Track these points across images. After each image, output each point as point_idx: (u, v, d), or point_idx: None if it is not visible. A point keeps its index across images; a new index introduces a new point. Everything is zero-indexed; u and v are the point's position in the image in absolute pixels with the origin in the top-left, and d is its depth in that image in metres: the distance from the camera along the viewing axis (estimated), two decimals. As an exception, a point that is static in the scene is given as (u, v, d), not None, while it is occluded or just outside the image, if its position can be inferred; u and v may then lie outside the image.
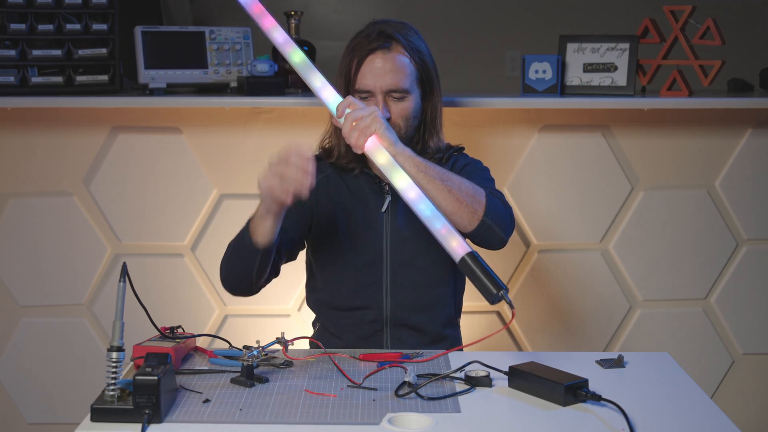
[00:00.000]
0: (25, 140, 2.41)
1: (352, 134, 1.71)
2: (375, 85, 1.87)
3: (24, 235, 2.44)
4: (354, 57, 1.89)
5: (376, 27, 1.92)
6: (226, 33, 2.43)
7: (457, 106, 2.33)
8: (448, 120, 2.09)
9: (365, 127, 1.71)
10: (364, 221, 1.93)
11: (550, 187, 2.50)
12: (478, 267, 1.60)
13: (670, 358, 1.75)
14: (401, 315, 1.92)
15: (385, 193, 1.94)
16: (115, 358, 1.41)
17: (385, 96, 1.88)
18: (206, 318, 2.49)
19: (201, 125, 2.42)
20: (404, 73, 1.88)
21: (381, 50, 1.88)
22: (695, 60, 2.49)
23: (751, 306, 2.61)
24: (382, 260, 1.92)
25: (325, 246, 1.95)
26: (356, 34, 1.94)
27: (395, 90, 1.87)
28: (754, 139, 2.52)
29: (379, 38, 1.89)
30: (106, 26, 2.36)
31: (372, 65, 1.87)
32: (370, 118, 1.72)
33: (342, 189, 1.95)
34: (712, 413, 1.47)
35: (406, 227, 1.92)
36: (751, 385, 2.64)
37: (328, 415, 1.43)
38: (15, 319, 2.48)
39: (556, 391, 1.48)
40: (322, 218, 1.94)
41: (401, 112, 1.89)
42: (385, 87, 1.87)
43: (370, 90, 1.88)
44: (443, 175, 1.76)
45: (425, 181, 1.74)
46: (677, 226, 2.55)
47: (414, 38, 1.93)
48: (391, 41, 1.89)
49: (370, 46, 1.88)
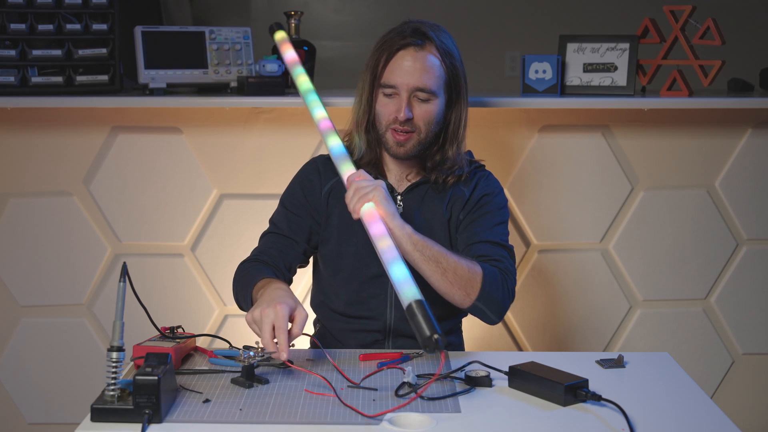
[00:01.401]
0: (25, 140, 2.41)
1: (353, 199, 1.69)
2: (401, 81, 1.83)
3: (24, 235, 2.44)
4: (383, 51, 1.85)
5: (410, 24, 1.87)
6: (226, 33, 2.43)
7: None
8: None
9: (365, 194, 1.68)
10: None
11: (550, 187, 2.50)
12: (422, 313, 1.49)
13: (670, 358, 1.75)
14: (404, 327, 1.88)
15: (398, 204, 1.91)
16: (115, 358, 1.41)
17: (410, 95, 1.84)
18: (206, 318, 2.49)
19: (201, 125, 2.42)
20: (433, 75, 1.84)
21: (413, 47, 1.83)
22: (695, 60, 2.49)
23: (751, 306, 2.61)
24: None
25: (332, 253, 1.91)
26: (390, 32, 1.89)
27: (421, 90, 1.83)
28: (754, 139, 2.52)
29: (413, 35, 1.84)
30: (106, 26, 2.36)
31: (401, 61, 1.83)
32: (371, 187, 1.69)
33: None
34: (712, 413, 1.47)
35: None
36: (751, 385, 2.64)
37: (328, 415, 1.43)
38: (15, 319, 2.48)
39: (556, 391, 1.48)
40: (332, 223, 1.91)
41: (424, 115, 1.85)
42: (412, 85, 1.83)
43: (395, 86, 1.84)
44: (440, 256, 1.72)
45: (420, 260, 1.72)
46: (677, 226, 2.55)
47: (448, 41, 1.88)
48: (425, 40, 1.85)
49: (403, 42, 1.84)
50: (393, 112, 1.85)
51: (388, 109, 1.86)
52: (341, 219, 1.89)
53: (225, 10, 4.51)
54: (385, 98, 1.86)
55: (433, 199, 1.92)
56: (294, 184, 1.97)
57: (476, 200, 1.91)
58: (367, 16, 4.51)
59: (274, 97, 2.34)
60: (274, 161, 2.42)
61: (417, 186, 1.92)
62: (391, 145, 1.87)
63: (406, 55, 1.83)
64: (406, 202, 1.91)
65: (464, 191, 1.93)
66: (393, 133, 1.86)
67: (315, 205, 1.92)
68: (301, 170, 1.99)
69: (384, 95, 1.86)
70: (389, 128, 1.86)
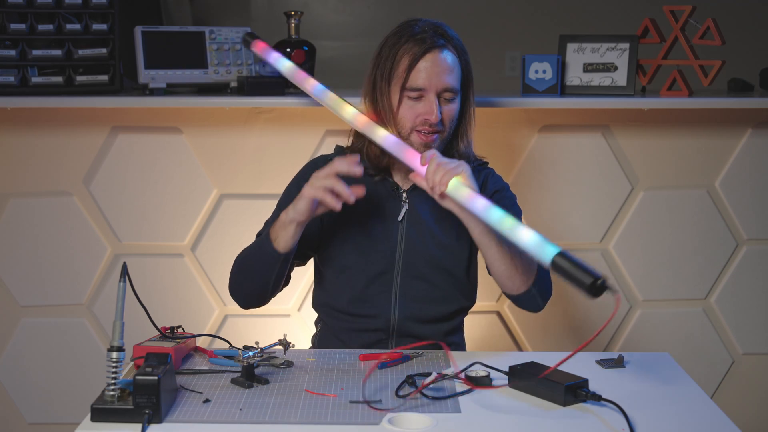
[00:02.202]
0: (25, 140, 2.41)
1: (436, 174, 1.68)
2: (431, 84, 1.82)
3: (24, 235, 2.44)
4: (404, 55, 1.83)
5: (420, 26, 1.86)
6: (226, 33, 2.43)
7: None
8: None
9: (451, 169, 1.68)
10: (378, 229, 1.89)
11: (550, 187, 2.50)
12: (570, 265, 1.45)
13: (670, 358, 1.75)
14: (408, 326, 1.89)
15: (403, 201, 1.90)
16: (115, 358, 1.41)
17: (438, 96, 1.83)
18: (206, 318, 2.49)
19: (201, 125, 2.42)
20: (456, 74, 1.85)
21: (437, 48, 1.83)
22: (695, 60, 2.49)
23: (751, 306, 2.61)
24: (393, 271, 1.88)
25: (335, 251, 1.91)
26: (396, 35, 1.86)
27: (449, 90, 1.84)
28: (754, 139, 2.52)
29: (433, 37, 1.84)
30: (106, 26, 2.36)
31: (428, 64, 1.82)
32: (456, 162, 1.69)
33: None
34: (712, 413, 1.47)
35: (420, 239, 1.89)
36: (751, 385, 2.64)
37: (328, 415, 1.43)
38: (15, 319, 2.48)
39: (556, 391, 1.48)
40: (335, 222, 1.90)
41: (450, 114, 1.86)
42: (441, 87, 1.82)
43: (423, 88, 1.82)
44: (511, 239, 1.69)
45: (498, 240, 1.72)
46: (677, 226, 2.55)
47: (458, 38, 1.89)
48: (445, 40, 1.85)
49: (426, 45, 1.82)
50: (420, 114, 1.83)
51: (415, 111, 1.84)
52: (341, 217, 1.88)
53: (225, 10, 4.51)
54: (410, 101, 1.84)
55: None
56: (292, 187, 1.95)
57: (489, 196, 1.90)
58: (367, 16, 4.51)
59: (274, 97, 2.34)
60: (274, 161, 2.42)
61: None
62: (417, 147, 1.84)
63: (432, 57, 1.82)
64: (411, 199, 1.91)
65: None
66: (419, 135, 1.84)
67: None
68: (300, 171, 1.98)
69: (409, 98, 1.84)
70: (414, 130, 1.85)
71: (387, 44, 1.87)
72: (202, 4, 4.39)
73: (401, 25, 1.89)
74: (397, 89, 1.84)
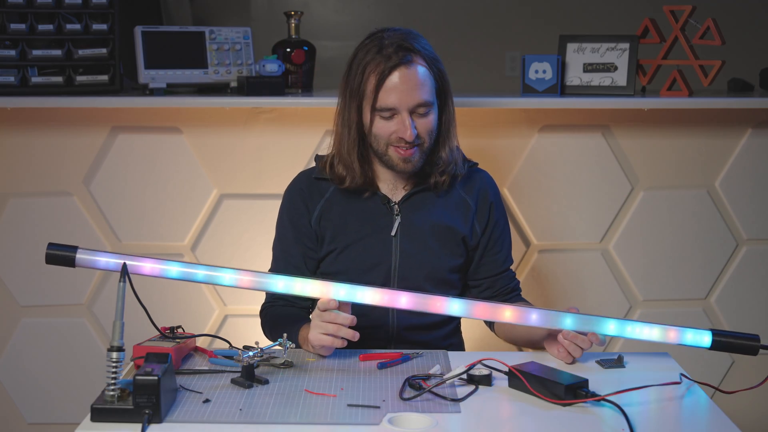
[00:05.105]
0: (25, 140, 2.41)
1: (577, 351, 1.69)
2: (402, 102, 1.79)
3: (24, 235, 2.44)
4: (371, 74, 1.79)
5: (387, 40, 1.81)
6: (226, 33, 2.43)
7: (456, 106, 2.31)
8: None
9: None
10: (372, 245, 1.88)
11: (550, 187, 2.50)
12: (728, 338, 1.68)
13: (670, 358, 1.75)
14: (407, 334, 1.91)
15: (395, 215, 1.89)
16: (115, 358, 1.41)
17: (410, 113, 1.80)
18: (206, 318, 2.49)
19: (201, 125, 2.42)
20: (427, 86, 1.81)
21: (403, 65, 1.78)
22: (695, 60, 2.49)
23: (751, 306, 2.61)
24: (390, 284, 1.88)
25: (333, 269, 1.91)
26: (365, 49, 1.83)
27: (422, 104, 1.80)
28: (754, 139, 2.52)
29: (398, 52, 1.79)
30: (106, 26, 2.36)
31: (396, 82, 1.78)
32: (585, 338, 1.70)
33: (348, 212, 1.90)
34: (712, 413, 1.47)
35: (415, 251, 1.89)
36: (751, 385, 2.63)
37: (328, 415, 1.43)
38: (15, 319, 2.48)
39: (556, 391, 1.48)
40: (328, 242, 1.90)
41: (426, 126, 1.82)
42: (412, 103, 1.79)
43: (394, 108, 1.79)
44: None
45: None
46: (677, 226, 2.55)
47: (428, 46, 1.85)
48: (412, 54, 1.80)
49: (391, 63, 1.78)
50: (394, 131, 1.81)
51: (389, 129, 1.82)
52: (336, 235, 1.89)
53: (225, 10, 4.52)
54: (382, 120, 1.82)
55: (434, 205, 1.91)
56: (282, 217, 1.95)
57: (487, 211, 1.93)
58: (367, 16, 4.51)
59: (274, 97, 2.34)
60: (274, 161, 2.42)
61: (415, 193, 1.91)
62: (397, 163, 1.84)
63: (399, 75, 1.78)
64: (404, 210, 1.90)
65: (467, 199, 1.93)
66: (396, 150, 1.83)
67: (308, 235, 1.92)
68: (286, 198, 1.96)
69: (381, 118, 1.81)
70: (390, 146, 1.83)
71: (355, 60, 1.84)
72: (202, 4, 4.39)
73: (369, 37, 1.85)
74: (368, 109, 1.82)
